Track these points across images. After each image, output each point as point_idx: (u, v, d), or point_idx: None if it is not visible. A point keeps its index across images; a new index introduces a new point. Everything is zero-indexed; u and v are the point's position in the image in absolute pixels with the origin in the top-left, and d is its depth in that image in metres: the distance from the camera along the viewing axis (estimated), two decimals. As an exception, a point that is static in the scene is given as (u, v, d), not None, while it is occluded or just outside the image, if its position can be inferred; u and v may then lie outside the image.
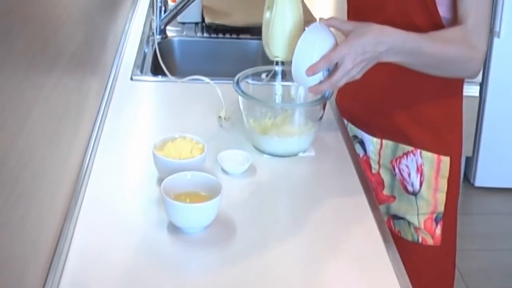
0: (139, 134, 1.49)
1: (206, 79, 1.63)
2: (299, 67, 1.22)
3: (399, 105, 1.43)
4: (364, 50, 1.19)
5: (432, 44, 1.25)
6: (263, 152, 1.39)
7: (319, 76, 1.21)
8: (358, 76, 1.22)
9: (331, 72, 1.22)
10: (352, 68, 1.20)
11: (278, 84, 1.41)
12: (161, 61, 1.76)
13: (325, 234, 1.16)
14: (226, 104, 1.53)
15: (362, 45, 1.19)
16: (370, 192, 1.29)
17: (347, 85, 1.23)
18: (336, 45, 1.21)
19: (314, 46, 1.21)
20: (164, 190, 1.13)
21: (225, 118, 1.51)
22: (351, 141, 1.49)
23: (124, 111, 1.57)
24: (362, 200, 1.26)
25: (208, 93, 1.60)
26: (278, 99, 1.41)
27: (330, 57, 1.19)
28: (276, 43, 1.32)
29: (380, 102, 1.45)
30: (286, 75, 1.44)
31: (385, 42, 1.20)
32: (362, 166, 1.41)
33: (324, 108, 1.39)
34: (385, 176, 1.50)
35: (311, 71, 1.20)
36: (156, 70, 1.83)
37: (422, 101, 1.41)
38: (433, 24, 1.30)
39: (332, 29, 1.25)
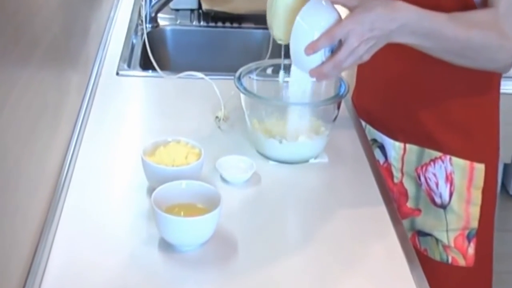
0: (127, 137, 1.49)
1: (202, 75, 1.64)
2: (297, 46, 1.19)
3: (425, 103, 1.44)
4: (373, 26, 1.16)
5: (455, 27, 1.22)
6: (268, 158, 1.40)
7: (320, 57, 1.19)
8: (366, 57, 1.19)
9: (335, 51, 1.19)
10: (358, 46, 1.16)
11: (286, 79, 1.41)
12: (150, 54, 1.77)
13: (340, 253, 1.17)
14: (224, 102, 1.54)
15: (370, 20, 1.15)
16: (392, 205, 1.30)
17: (365, 81, 1.23)
18: (340, 21, 1.19)
19: (315, 22, 1.18)
20: (155, 201, 1.13)
21: (223, 119, 1.52)
22: (370, 146, 1.50)
23: (109, 110, 1.58)
24: (382, 214, 1.26)
25: (205, 91, 1.60)
26: (285, 97, 1.42)
27: (332, 32, 1.16)
28: (279, 23, 1.29)
29: (403, 100, 1.46)
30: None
31: (397, 18, 1.17)
32: (382, 175, 1.41)
33: (338, 108, 1.40)
34: (409, 186, 1.50)
35: (311, 49, 1.17)
36: (146, 64, 1.84)
37: (452, 98, 1.41)
38: (463, 6, 1.28)
39: (336, 6, 1.22)
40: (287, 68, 1.38)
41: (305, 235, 1.21)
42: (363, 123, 1.57)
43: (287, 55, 1.26)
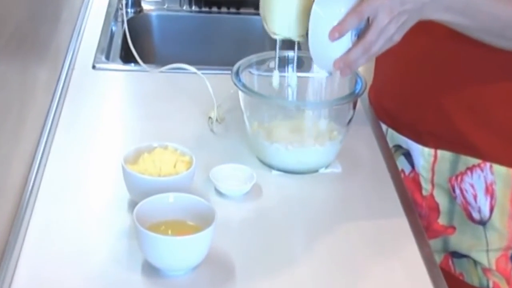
0: (104, 143, 1.50)
1: (193, 69, 1.65)
2: (317, 38, 1.21)
3: (460, 101, 1.43)
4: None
5: (495, 2, 1.24)
6: (271, 167, 1.41)
7: (346, 43, 1.20)
8: (397, 38, 1.21)
9: (362, 32, 1.20)
10: (389, 24, 1.18)
11: (293, 75, 1.42)
12: (131, 45, 1.77)
13: (354, 280, 1.17)
14: (218, 101, 1.54)
15: None
16: (417, 223, 1.30)
17: (384, 75, 1.23)
18: (362, 2, 1.20)
19: (334, 8, 1.20)
20: (138, 218, 1.14)
21: (217, 120, 1.52)
22: (391, 153, 1.50)
23: (84, 111, 1.58)
24: (405, 234, 1.27)
25: (196, 87, 1.61)
26: (292, 95, 1.43)
27: (360, 9, 1.18)
28: (273, 15, 1.31)
29: (433, 97, 1.46)
30: (304, 64, 1.46)
31: None
32: (407, 187, 1.42)
33: (354, 108, 1.40)
34: (441, 200, 1.50)
35: (337, 31, 1.18)
36: (127, 56, 1.84)
37: (493, 94, 1.41)
38: None
39: None
40: (284, 64, 1.41)
41: (314, 258, 1.21)
42: (384, 126, 1.57)
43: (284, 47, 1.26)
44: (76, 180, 1.36)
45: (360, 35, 1.21)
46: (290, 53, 1.41)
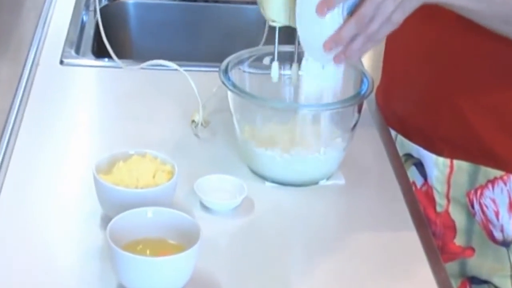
0: (73, 148, 1.49)
1: (175, 66, 1.64)
2: (306, 10, 1.22)
3: (479, 103, 1.44)
4: None
5: None
6: (264, 178, 1.41)
7: (337, 21, 1.21)
8: (397, 18, 1.20)
9: (356, 6, 1.21)
10: None
11: (295, 66, 1.41)
12: (104, 37, 1.76)
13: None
14: (204, 103, 1.54)
15: None
16: (432, 242, 1.30)
17: (394, 74, 1.23)
18: None
19: None
20: (112, 235, 1.13)
21: (202, 124, 1.52)
22: (402, 163, 1.51)
23: (50, 112, 1.58)
24: (417, 255, 1.26)
25: (179, 86, 1.61)
26: (289, 96, 1.43)
27: None
28: (271, 0, 1.31)
29: (449, 100, 1.46)
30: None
31: None
32: (419, 201, 1.42)
33: (359, 111, 1.40)
34: (458, 217, 1.51)
35: (325, 5, 1.19)
36: (100, 50, 1.83)
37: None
38: None
39: None
40: (286, 59, 1.40)
41: (313, 283, 1.21)
42: (393, 132, 1.58)
43: (284, 41, 1.27)
44: (40, 192, 1.36)
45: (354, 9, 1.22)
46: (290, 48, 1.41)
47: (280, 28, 1.36)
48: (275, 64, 1.41)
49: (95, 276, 1.18)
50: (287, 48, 1.41)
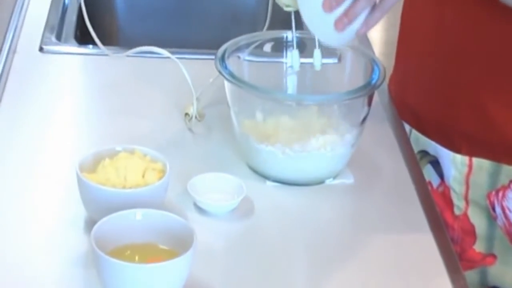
0: (55, 144, 1.49)
1: (167, 53, 1.64)
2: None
3: (502, 95, 1.45)
4: None
5: None
6: (265, 176, 1.41)
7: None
8: None
9: None
10: None
11: (294, 59, 1.42)
12: (87, 21, 1.76)
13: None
14: (198, 94, 1.54)
15: None
16: (450, 248, 1.30)
17: (409, 61, 1.23)
18: None
19: None
20: (97, 240, 1.13)
21: (196, 117, 1.52)
22: (417, 160, 1.51)
23: (29, 104, 1.58)
24: (433, 261, 1.26)
25: (170, 76, 1.61)
26: (292, 86, 1.43)
27: None
28: None
29: (469, 91, 1.47)
30: (307, 47, 1.45)
31: None
32: (435, 203, 1.42)
33: (369, 104, 1.40)
34: (478, 221, 1.51)
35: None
36: (84, 36, 1.84)
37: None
38: None
39: None
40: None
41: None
42: (407, 126, 1.58)
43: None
44: (17, 193, 1.35)
45: None
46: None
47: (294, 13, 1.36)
48: (296, 53, 1.41)
49: (78, 286, 1.18)
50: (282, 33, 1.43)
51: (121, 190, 1.25)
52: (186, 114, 1.53)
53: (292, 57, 1.41)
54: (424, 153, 1.55)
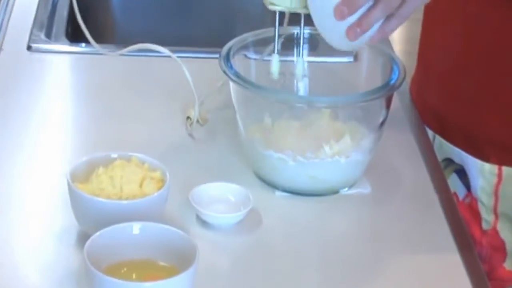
0: (44, 151, 1.49)
1: (166, 51, 1.64)
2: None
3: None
4: None
5: None
6: (273, 186, 1.41)
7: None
8: None
9: None
10: None
11: (299, 60, 1.42)
12: (79, 17, 1.75)
13: None
14: (200, 96, 1.54)
15: None
16: (479, 266, 1.29)
17: (432, 60, 1.23)
18: None
19: None
20: (91, 256, 1.12)
21: (198, 121, 1.52)
22: (441, 170, 1.50)
23: (16, 106, 1.58)
24: (460, 280, 1.25)
25: (170, 76, 1.61)
26: (303, 87, 1.43)
27: None
28: None
29: (498, 94, 1.47)
30: (319, 44, 1.45)
31: None
32: (461, 215, 1.41)
33: (388, 107, 1.40)
34: (508, 236, 1.51)
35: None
36: (76, 34, 1.83)
37: None
38: None
39: None
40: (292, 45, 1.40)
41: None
42: (430, 132, 1.58)
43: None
44: (4, 203, 1.35)
45: None
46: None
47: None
48: (275, 58, 1.41)
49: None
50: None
51: (117, 202, 1.25)
52: (188, 118, 1.53)
53: (272, 63, 1.42)
54: (449, 161, 1.56)
